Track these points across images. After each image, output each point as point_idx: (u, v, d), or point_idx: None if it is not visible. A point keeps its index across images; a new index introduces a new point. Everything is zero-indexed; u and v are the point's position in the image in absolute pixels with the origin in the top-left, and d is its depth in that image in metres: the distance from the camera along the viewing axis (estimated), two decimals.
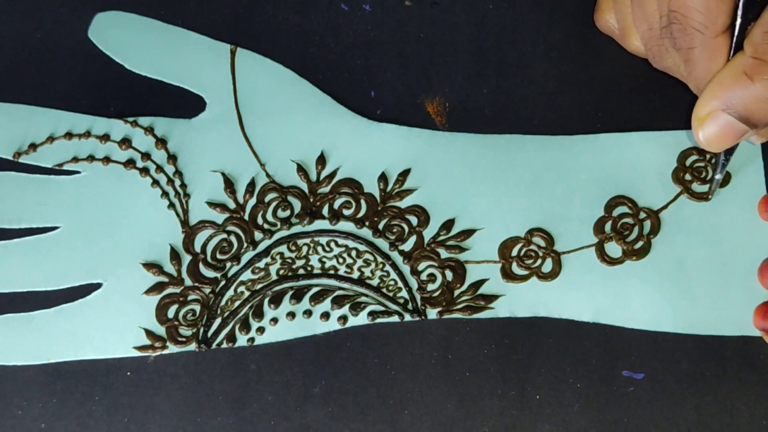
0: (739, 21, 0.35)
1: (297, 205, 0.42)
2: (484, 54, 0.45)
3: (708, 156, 0.43)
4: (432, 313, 0.41)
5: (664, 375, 0.40)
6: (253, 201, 0.42)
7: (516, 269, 0.42)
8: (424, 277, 0.42)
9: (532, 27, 0.45)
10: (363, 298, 0.41)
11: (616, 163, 0.43)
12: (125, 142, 0.43)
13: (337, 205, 0.42)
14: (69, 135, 0.43)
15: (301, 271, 0.42)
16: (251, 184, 0.42)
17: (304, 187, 0.42)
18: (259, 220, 0.42)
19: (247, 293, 0.41)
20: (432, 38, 0.45)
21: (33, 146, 0.42)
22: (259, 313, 0.41)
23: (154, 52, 0.44)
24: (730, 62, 0.36)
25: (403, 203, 0.42)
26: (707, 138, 0.37)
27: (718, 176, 0.41)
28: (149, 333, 0.40)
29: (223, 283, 0.41)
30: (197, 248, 0.42)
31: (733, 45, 0.36)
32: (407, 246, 0.42)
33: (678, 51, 0.38)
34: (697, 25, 0.36)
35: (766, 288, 0.41)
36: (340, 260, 0.42)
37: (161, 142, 0.43)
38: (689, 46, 0.37)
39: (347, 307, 0.41)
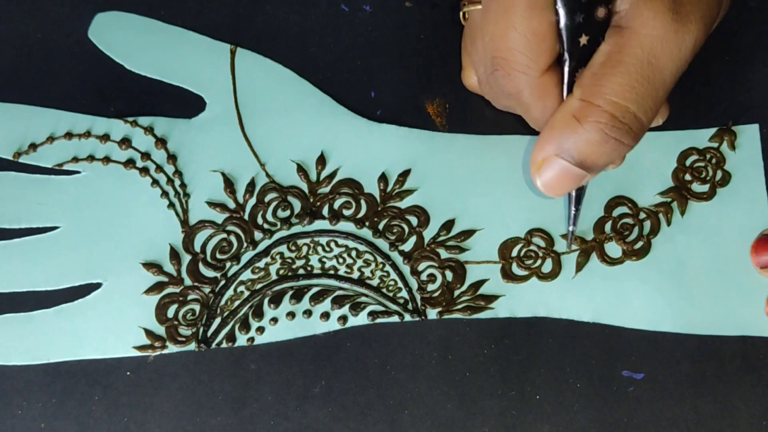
0: (567, 65, 0.35)
1: (297, 205, 0.42)
2: None
3: (708, 156, 0.43)
4: (432, 314, 0.41)
5: (664, 375, 0.40)
6: (253, 201, 0.42)
7: (516, 269, 0.42)
8: (424, 277, 0.42)
9: None
10: (363, 298, 0.41)
11: None
12: (125, 142, 0.43)
13: (337, 205, 0.42)
14: (69, 135, 0.43)
15: (301, 271, 0.42)
16: (251, 184, 0.42)
17: (304, 187, 0.42)
18: (259, 220, 0.42)
19: (246, 293, 0.41)
20: (432, 39, 0.45)
21: (33, 146, 0.42)
22: (258, 313, 0.41)
23: (154, 52, 0.44)
24: (561, 106, 0.35)
25: (403, 203, 0.42)
26: (545, 184, 0.37)
27: (571, 228, 0.41)
28: (149, 333, 0.40)
29: (222, 282, 0.41)
30: (197, 248, 0.42)
31: (566, 87, 0.35)
32: (407, 246, 0.42)
33: (509, 96, 0.37)
34: (520, 67, 0.35)
35: (756, 266, 0.41)
36: (340, 260, 0.42)
37: (161, 141, 0.43)
38: (516, 90, 0.36)
39: (347, 307, 0.41)
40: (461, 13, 0.39)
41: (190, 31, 0.44)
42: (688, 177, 0.43)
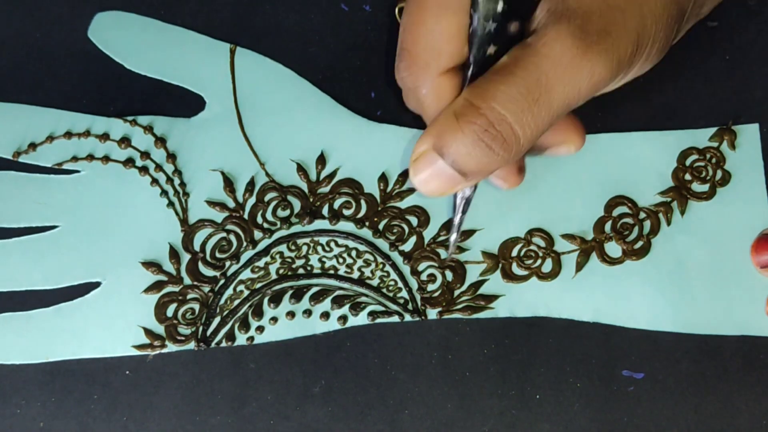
0: (470, 71, 0.34)
1: (297, 204, 0.42)
2: None
3: (708, 156, 0.43)
4: (432, 313, 0.41)
5: (664, 375, 0.40)
6: (252, 200, 0.42)
7: (516, 269, 0.42)
8: (424, 277, 0.42)
9: None
10: (363, 298, 0.41)
11: (616, 163, 0.43)
12: (124, 141, 0.43)
13: (337, 205, 0.42)
14: (68, 134, 0.43)
15: (301, 271, 0.41)
16: (251, 183, 0.42)
17: (304, 186, 0.42)
18: (259, 220, 0.42)
19: (246, 292, 0.41)
20: None
21: (33, 146, 0.42)
22: (258, 312, 0.41)
23: (154, 51, 0.44)
24: (450, 103, 0.35)
25: (404, 204, 0.42)
26: (419, 181, 0.35)
27: (453, 237, 0.40)
28: (148, 332, 0.40)
29: (222, 281, 0.41)
30: (196, 247, 0.42)
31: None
32: (407, 246, 0.42)
33: (408, 90, 0.37)
34: (421, 62, 0.35)
35: (756, 265, 0.41)
36: (340, 260, 0.42)
37: (160, 141, 0.43)
38: (414, 85, 0.36)
39: (347, 307, 0.41)
40: (396, 10, 0.39)
41: (190, 31, 0.44)
42: (688, 177, 0.42)
